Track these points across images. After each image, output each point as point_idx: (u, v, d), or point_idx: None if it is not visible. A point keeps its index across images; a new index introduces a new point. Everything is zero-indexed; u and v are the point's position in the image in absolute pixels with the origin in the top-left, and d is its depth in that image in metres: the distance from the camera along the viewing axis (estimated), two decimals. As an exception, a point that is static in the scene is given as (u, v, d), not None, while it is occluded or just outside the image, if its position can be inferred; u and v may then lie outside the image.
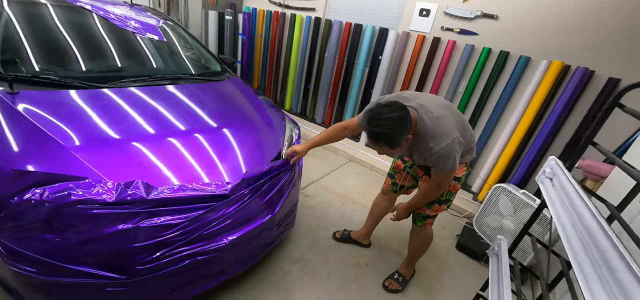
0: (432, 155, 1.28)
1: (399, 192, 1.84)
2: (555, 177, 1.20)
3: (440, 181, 1.41)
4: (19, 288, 1.05)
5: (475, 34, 2.71)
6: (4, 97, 1.19)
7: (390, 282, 1.81)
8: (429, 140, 1.27)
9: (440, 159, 1.29)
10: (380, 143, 1.22)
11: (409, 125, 1.21)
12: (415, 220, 1.68)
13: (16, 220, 0.94)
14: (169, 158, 1.30)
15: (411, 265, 1.87)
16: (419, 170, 1.68)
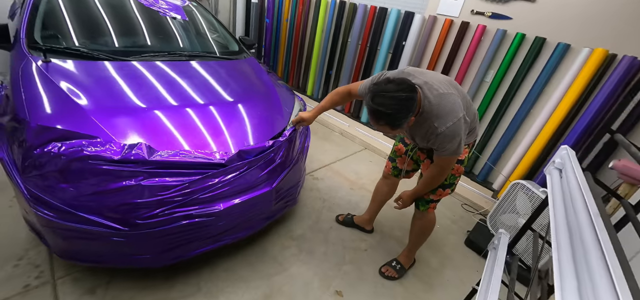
0: (437, 136, 1.20)
1: (400, 176, 1.80)
2: (564, 168, 1.10)
3: (444, 164, 1.35)
4: (42, 230, 1.23)
5: (508, 18, 2.50)
6: (38, 64, 1.37)
7: (387, 269, 1.80)
8: (434, 120, 1.20)
9: (446, 140, 1.21)
10: (382, 122, 1.13)
11: (414, 107, 1.13)
12: (418, 205, 1.64)
13: (38, 169, 1.10)
14: (180, 126, 1.41)
15: (411, 253, 1.84)
16: (420, 154, 1.63)
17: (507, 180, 2.60)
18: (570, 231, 0.84)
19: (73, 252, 1.30)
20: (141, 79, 1.58)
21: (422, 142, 1.34)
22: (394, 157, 1.78)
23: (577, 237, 0.78)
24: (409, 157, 1.68)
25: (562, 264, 0.77)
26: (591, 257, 0.67)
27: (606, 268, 0.61)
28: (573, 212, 0.87)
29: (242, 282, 1.59)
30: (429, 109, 1.20)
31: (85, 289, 1.42)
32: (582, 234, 0.74)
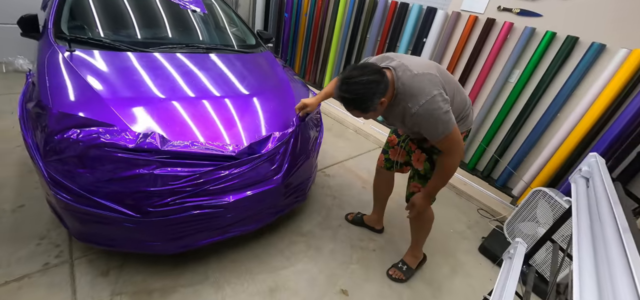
0: (412, 117, 1.16)
1: (394, 168, 1.74)
2: (592, 177, 1.02)
3: (447, 147, 1.24)
4: (61, 212, 1.29)
5: (538, 16, 2.36)
6: (62, 54, 1.43)
7: (394, 271, 1.76)
8: (408, 100, 1.16)
9: (423, 121, 1.16)
10: (351, 108, 1.16)
11: (383, 88, 1.12)
12: (410, 199, 1.56)
13: (58, 154, 1.15)
14: (195, 117, 1.43)
15: (415, 251, 1.78)
16: (411, 144, 1.55)
17: (528, 186, 2.48)
18: (595, 245, 0.78)
19: (89, 234, 1.35)
20: (159, 70, 1.62)
21: (402, 126, 1.31)
22: (386, 149, 1.73)
23: (601, 252, 0.73)
24: (401, 147, 1.63)
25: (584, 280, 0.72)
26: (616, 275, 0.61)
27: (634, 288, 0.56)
28: (599, 224, 0.80)
29: (248, 274, 1.61)
30: (403, 91, 1.17)
31: (99, 271, 1.49)
32: (608, 249, 0.68)
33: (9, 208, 1.72)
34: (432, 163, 1.45)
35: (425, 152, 1.47)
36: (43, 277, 1.42)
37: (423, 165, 1.48)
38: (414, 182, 1.54)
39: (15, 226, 1.63)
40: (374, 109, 1.14)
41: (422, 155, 1.48)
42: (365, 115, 1.18)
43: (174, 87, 1.55)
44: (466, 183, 2.76)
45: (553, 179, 2.36)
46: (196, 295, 1.46)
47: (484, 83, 2.69)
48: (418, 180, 1.52)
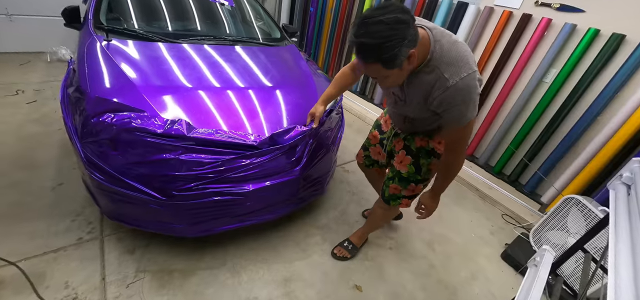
0: (447, 90, 0.94)
1: (373, 167, 1.65)
2: (634, 184, 0.95)
3: (460, 137, 1.07)
4: (94, 191, 1.37)
5: (580, 11, 2.20)
6: (101, 43, 1.52)
7: (340, 250, 1.76)
8: (444, 69, 0.94)
9: (458, 97, 0.94)
10: (371, 60, 0.87)
11: (413, 36, 0.86)
12: (389, 201, 1.47)
13: (94, 136, 1.22)
14: (220, 107, 1.48)
15: (365, 235, 1.81)
16: (396, 143, 1.41)
17: (559, 194, 2.33)
18: (635, 258, 0.72)
19: (118, 213, 1.44)
20: (188, 60, 1.68)
21: (421, 108, 1.07)
22: (367, 146, 1.62)
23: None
24: (383, 147, 1.50)
25: (621, 296, 0.67)
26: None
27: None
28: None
29: (264, 263, 1.64)
30: (440, 55, 0.94)
31: (126, 248, 1.58)
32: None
33: (49, 185, 1.87)
34: (417, 167, 1.34)
35: (411, 155, 1.35)
36: (76, 250, 1.53)
37: (407, 168, 1.37)
38: (394, 184, 1.42)
39: (54, 202, 1.76)
40: (400, 63, 0.87)
41: (406, 158, 1.36)
42: (389, 71, 0.90)
43: (200, 77, 1.60)
44: (491, 187, 2.64)
45: (588, 187, 2.21)
46: (214, 279, 1.51)
47: (516, 82, 2.55)
48: (399, 182, 1.40)
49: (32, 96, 2.78)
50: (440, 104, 0.98)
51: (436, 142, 1.30)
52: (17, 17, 3.45)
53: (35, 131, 2.32)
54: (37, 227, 1.60)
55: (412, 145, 1.34)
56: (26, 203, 1.73)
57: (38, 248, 1.50)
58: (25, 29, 3.52)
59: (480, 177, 2.73)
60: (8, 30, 3.44)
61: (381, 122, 1.56)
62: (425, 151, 1.32)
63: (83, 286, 1.38)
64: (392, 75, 0.93)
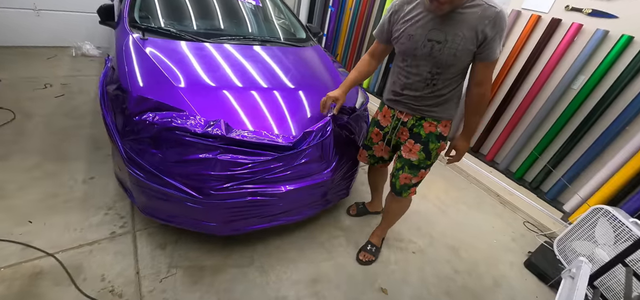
0: (498, 14, 1.08)
1: (379, 164, 1.68)
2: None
3: (489, 75, 1.22)
4: (131, 187, 1.41)
5: (613, 17, 2.14)
6: (138, 41, 1.55)
7: (365, 255, 1.76)
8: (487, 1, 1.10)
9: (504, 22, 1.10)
10: None
11: None
12: (401, 192, 1.50)
13: (135, 134, 1.25)
14: (247, 107, 1.50)
15: (384, 232, 1.82)
16: (401, 134, 1.46)
17: (584, 202, 2.30)
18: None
19: (153, 209, 1.47)
20: (220, 59, 1.71)
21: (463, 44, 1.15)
22: (369, 145, 1.63)
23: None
24: (385, 142, 1.54)
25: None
26: None
27: None
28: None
29: (291, 263, 1.66)
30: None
31: (157, 243, 1.62)
32: None
33: (81, 179, 1.92)
34: (427, 152, 1.39)
35: (420, 142, 1.39)
36: (110, 244, 1.57)
37: (418, 155, 1.41)
38: (405, 173, 1.45)
39: (86, 195, 1.82)
40: None
41: (416, 146, 1.40)
42: None
43: (235, 77, 1.62)
44: (512, 193, 2.61)
45: (615, 197, 2.16)
46: (243, 276, 1.54)
47: (542, 88, 2.51)
48: (409, 170, 1.44)
49: (60, 90, 2.85)
50: (493, 27, 1.09)
51: (442, 126, 1.38)
52: (44, 12, 3.54)
53: (65, 124, 2.38)
54: (71, 220, 1.65)
55: (420, 132, 1.38)
56: (60, 195, 1.78)
57: (74, 240, 1.55)
58: (51, 24, 3.61)
59: (501, 183, 2.70)
60: (35, 25, 3.53)
61: (379, 119, 1.56)
62: (434, 136, 1.37)
63: (119, 279, 1.42)
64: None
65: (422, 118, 1.37)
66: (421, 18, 1.20)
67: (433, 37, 1.19)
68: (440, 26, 1.17)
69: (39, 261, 1.44)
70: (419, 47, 1.23)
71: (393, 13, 1.30)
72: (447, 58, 1.19)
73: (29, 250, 1.46)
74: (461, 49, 1.16)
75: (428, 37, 1.20)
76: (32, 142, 2.13)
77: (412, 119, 1.40)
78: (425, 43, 1.21)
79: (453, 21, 1.13)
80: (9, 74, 2.93)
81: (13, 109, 2.42)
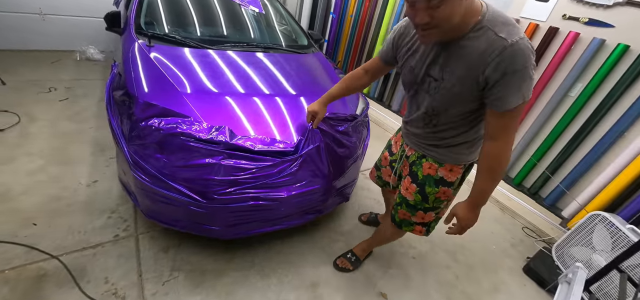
0: (506, 50, 0.80)
1: (386, 188, 1.60)
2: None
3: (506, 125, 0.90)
4: (135, 191, 1.43)
5: (609, 26, 2.19)
6: (144, 48, 1.59)
7: (342, 261, 1.73)
8: (500, 29, 0.82)
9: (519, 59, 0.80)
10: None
11: None
12: (401, 225, 1.37)
13: (141, 139, 1.28)
14: (250, 113, 1.53)
15: (370, 248, 1.76)
16: (403, 167, 1.33)
17: (582, 208, 2.32)
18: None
19: (156, 213, 1.49)
20: (224, 66, 1.74)
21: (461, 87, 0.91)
22: (379, 166, 1.55)
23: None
24: (393, 170, 1.42)
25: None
26: None
27: None
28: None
29: (292, 267, 1.68)
30: (493, 17, 0.84)
31: (160, 247, 1.63)
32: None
33: (84, 182, 1.94)
34: (423, 196, 1.23)
35: (416, 184, 1.24)
36: (114, 247, 1.59)
37: (414, 196, 1.26)
38: (402, 210, 1.33)
39: (90, 199, 1.84)
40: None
41: (412, 186, 1.25)
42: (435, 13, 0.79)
43: (238, 84, 1.66)
44: (511, 198, 2.64)
45: (612, 203, 2.19)
46: (245, 280, 1.56)
47: (540, 95, 2.55)
48: (407, 209, 1.31)
49: (64, 94, 2.88)
50: (496, 69, 0.82)
51: (447, 170, 1.17)
52: (49, 16, 3.58)
53: (69, 128, 2.41)
54: (75, 223, 1.67)
55: (418, 172, 1.22)
56: (64, 198, 1.80)
57: (78, 243, 1.57)
58: (56, 28, 3.65)
59: (500, 189, 2.72)
60: (41, 29, 3.57)
61: (392, 143, 1.47)
62: (432, 180, 1.19)
63: (122, 282, 1.44)
64: (444, 5, 0.77)
65: (423, 156, 1.21)
66: (423, 47, 1.01)
67: (430, 72, 0.99)
68: (439, 59, 0.96)
69: (43, 263, 1.45)
70: (418, 81, 1.05)
71: (397, 36, 1.12)
72: (442, 99, 0.99)
73: (33, 253, 1.48)
74: (458, 92, 0.94)
75: (426, 71, 1.00)
76: (36, 145, 2.15)
77: (414, 154, 1.25)
78: (423, 77, 1.02)
79: (452, 56, 0.91)
80: (13, 77, 2.97)
81: (18, 112, 2.45)
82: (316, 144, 1.45)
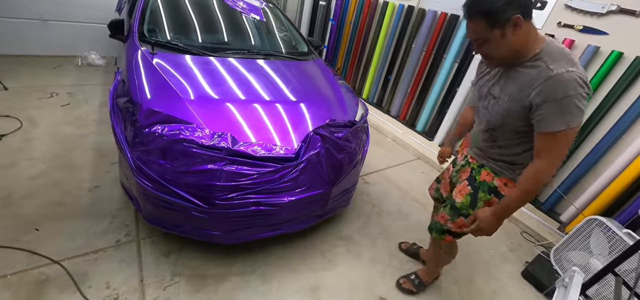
0: (549, 79, 0.90)
1: (440, 203, 1.57)
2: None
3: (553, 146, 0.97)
4: (138, 196, 1.45)
5: (603, 34, 2.23)
6: (147, 55, 1.61)
7: (405, 281, 1.72)
8: (551, 62, 0.93)
9: (559, 88, 0.89)
10: (476, 13, 0.94)
11: (524, 3, 0.91)
12: (431, 229, 1.43)
13: (145, 146, 1.30)
14: (251, 119, 1.55)
15: (431, 272, 1.73)
16: (462, 173, 1.35)
17: (579, 213, 2.35)
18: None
19: (158, 218, 1.50)
20: (226, 73, 1.77)
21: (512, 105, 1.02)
22: (440, 178, 1.59)
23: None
24: (451, 178, 1.45)
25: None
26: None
27: None
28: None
29: (292, 272, 1.69)
30: (549, 52, 0.95)
31: (162, 252, 1.64)
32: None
33: (86, 187, 1.96)
34: (474, 199, 1.26)
35: (471, 186, 1.28)
36: (115, 252, 1.60)
37: (463, 198, 1.29)
38: (443, 213, 1.36)
39: (92, 204, 1.85)
40: (504, 22, 0.91)
41: (466, 188, 1.29)
42: (491, 32, 0.94)
43: (239, 90, 1.68)
44: (509, 203, 2.65)
45: (609, 208, 2.22)
46: (245, 285, 1.57)
47: (536, 101, 2.58)
48: (449, 210, 1.34)
49: (66, 99, 2.90)
50: (539, 95, 0.93)
51: (502, 182, 1.20)
52: (51, 22, 3.61)
53: (71, 133, 2.43)
54: (77, 228, 1.68)
55: (477, 176, 1.27)
56: (66, 203, 1.81)
57: (79, 248, 1.58)
58: (58, 34, 3.68)
59: (498, 193, 2.74)
60: (43, 35, 3.60)
61: (457, 156, 1.51)
62: (487, 186, 1.23)
63: (123, 287, 1.45)
64: (492, 40, 0.95)
65: (482, 165, 1.27)
66: (492, 71, 1.15)
67: (492, 91, 1.12)
68: (500, 81, 1.09)
69: (44, 268, 1.46)
70: (482, 98, 1.19)
71: (479, 63, 1.26)
72: (497, 115, 1.09)
73: (35, 258, 1.49)
74: (508, 109, 1.04)
75: (489, 90, 1.14)
76: (38, 150, 2.16)
77: (476, 163, 1.30)
78: (486, 95, 1.16)
79: (510, 78, 1.04)
80: (15, 82, 2.98)
81: (20, 117, 2.46)
82: (316, 149, 1.47)
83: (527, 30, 0.95)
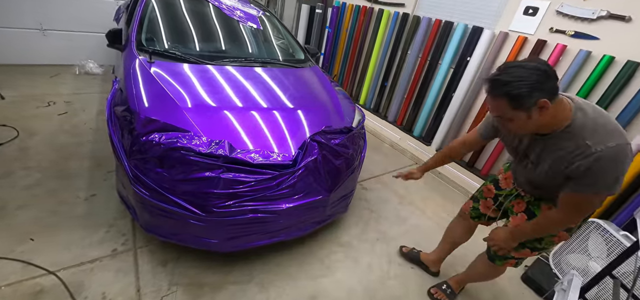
0: (587, 158, 0.89)
1: (480, 221, 1.57)
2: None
3: (581, 204, 1.00)
4: (134, 205, 1.44)
5: (594, 39, 2.27)
6: (144, 64, 1.62)
7: (437, 291, 1.73)
8: (587, 136, 0.90)
9: (600, 166, 0.88)
10: (498, 93, 0.90)
11: (550, 88, 0.87)
12: (494, 259, 1.41)
13: (142, 154, 1.30)
14: (248, 127, 1.56)
15: (464, 282, 1.74)
16: (516, 205, 1.34)
17: (577, 217, 2.35)
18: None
19: (156, 227, 1.50)
20: (223, 81, 1.78)
21: (552, 174, 1.02)
22: (478, 197, 1.54)
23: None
24: (496, 205, 1.42)
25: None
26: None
27: None
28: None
29: (290, 279, 1.68)
30: (582, 123, 0.92)
31: (159, 261, 1.63)
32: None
33: (82, 196, 1.94)
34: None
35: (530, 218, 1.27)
36: (112, 261, 1.59)
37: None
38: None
39: (88, 213, 1.84)
40: (528, 107, 0.88)
41: (523, 217, 1.29)
42: (514, 112, 0.91)
43: (236, 98, 1.69)
44: (507, 207, 2.66)
45: (606, 210, 2.22)
46: (243, 294, 1.56)
47: (531, 106, 2.61)
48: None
49: (63, 108, 2.90)
50: (578, 168, 0.93)
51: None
52: (50, 31, 3.63)
53: (67, 142, 2.42)
54: (73, 237, 1.67)
55: (536, 211, 1.25)
56: (62, 212, 1.80)
57: (75, 258, 1.56)
58: (56, 43, 3.69)
59: (496, 198, 2.75)
60: (41, 44, 3.61)
61: (499, 178, 1.46)
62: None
63: (120, 297, 1.43)
64: (516, 119, 0.93)
65: (540, 199, 1.26)
66: None
67: (528, 154, 1.12)
68: (536, 147, 1.07)
69: (40, 279, 1.44)
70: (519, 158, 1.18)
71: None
72: (538, 178, 1.10)
73: (29, 268, 1.47)
74: (549, 175, 1.04)
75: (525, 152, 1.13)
76: (34, 160, 2.15)
77: (530, 196, 1.29)
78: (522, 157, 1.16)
79: (546, 148, 1.03)
80: (13, 91, 2.98)
81: (16, 126, 2.45)
82: (314, 156, 1.48)
83: (554, 110, 0.91)
